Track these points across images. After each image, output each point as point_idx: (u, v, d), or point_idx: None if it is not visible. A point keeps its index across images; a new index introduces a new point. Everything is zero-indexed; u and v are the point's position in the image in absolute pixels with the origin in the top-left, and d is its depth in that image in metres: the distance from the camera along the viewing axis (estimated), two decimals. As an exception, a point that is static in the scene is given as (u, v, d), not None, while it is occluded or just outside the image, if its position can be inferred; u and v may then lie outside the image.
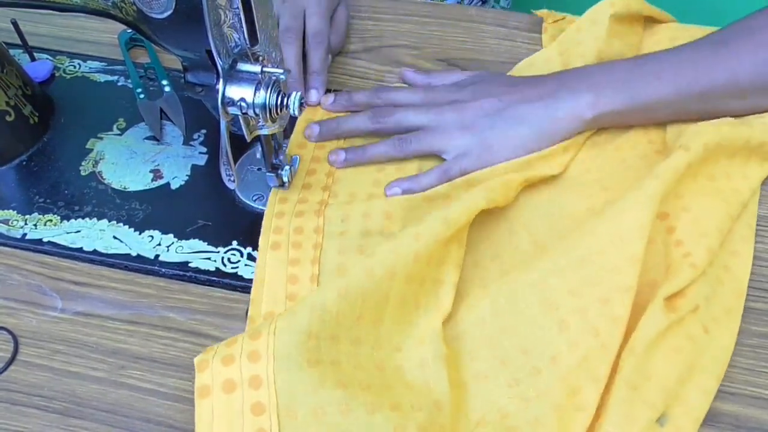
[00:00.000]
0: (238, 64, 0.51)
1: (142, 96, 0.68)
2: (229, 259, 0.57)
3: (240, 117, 0.52)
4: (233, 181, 0.55)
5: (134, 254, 0.58)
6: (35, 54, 0.72)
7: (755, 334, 0.53)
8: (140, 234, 0.59)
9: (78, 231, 0.59)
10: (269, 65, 0.52)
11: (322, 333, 0.48)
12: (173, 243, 0.58)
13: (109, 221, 0.60)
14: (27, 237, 0.59)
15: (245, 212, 0.60)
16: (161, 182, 0.62)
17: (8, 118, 0.63)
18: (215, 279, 0.56)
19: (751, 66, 0.58)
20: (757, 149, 0.58)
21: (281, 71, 0.51)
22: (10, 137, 0.64)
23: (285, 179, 0.58)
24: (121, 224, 0.59)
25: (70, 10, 0.55)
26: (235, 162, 0.58)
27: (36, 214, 0.60)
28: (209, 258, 0.57)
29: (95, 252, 0.58)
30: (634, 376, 0.48)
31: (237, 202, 0.61)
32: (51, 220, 0.60)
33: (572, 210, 0.59)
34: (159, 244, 0.58)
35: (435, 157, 0.62)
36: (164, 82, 0.69)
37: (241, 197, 0.61)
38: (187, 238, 0.58)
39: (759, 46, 0.58)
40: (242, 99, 0.50)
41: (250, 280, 0.55)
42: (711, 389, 0.49)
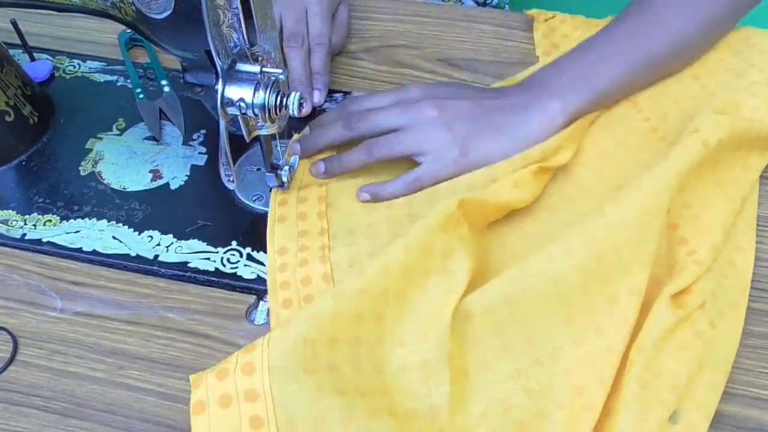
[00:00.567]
0: (238, 65, 0.51)
1: (142, 96, 0.68)
2: (229, 260, 0.57)
3: (239, 117, 0.52)
4: (232, 182, 0.55)
5: (133, 254, 0.58)
6: (35, 54, 0.72)
7: (755, 335, 0.53)
8: (139, 234, 0.59)
9: (77, 231, 0.59)
10: (268, 65, 0.52)
11: (320, 338, 0.48)
12: (172, 243, 0.58)
13: (109, 221, 0.60)
14: (26, 237, 0.59)
15: (245, 212, 0.60)
16: (161, 182, 0.62)
17: (8, 118, 0.63)
18: (214, 279, 0.56)
19: (681, 25, 0.61)
20: (763, 140, 0.59)
21: (280, 71, 0.51)
22: (10, 137, 0.64)
23: (284, 179, 0.58)
24: (121, 224, 0.59)
25: (70, 11, 0.55)
26: (235, 162, 0.58)
27: (35, 214, 0.60)
28: (208, 258, 0.57)
29: (94, 252, 0.58)
30: (645, 375, 0.48)
31: (236, 203, 0.61)
32: (50, 221, 0.60)
33: (581, 207, 0.58)
34: (158, 245, 0.58)
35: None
36: (163, 83, 0.69)
37: (241, 197, 0.61)
38: (187, 239, 0.58)
39: (680, 5, 0.61)
40: (241, 99, 0.50)
41: (250, 280, 0.56)
42: (719, 385, 0.49)
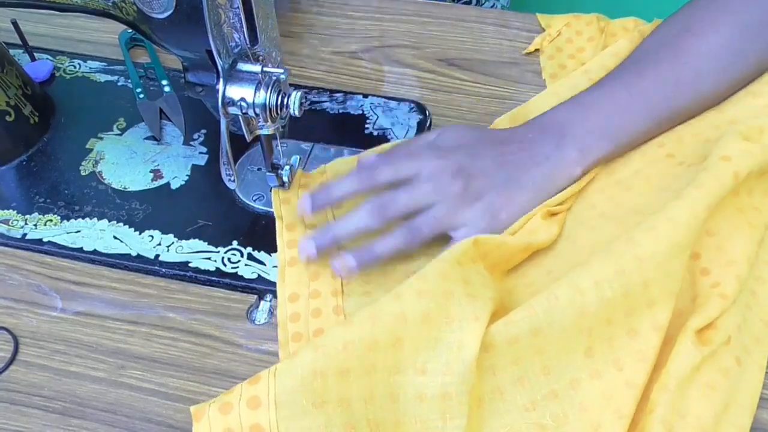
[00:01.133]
0: (239, 64, 0.51)
1: (142, 96, 0.68)
2: (229, 259, 0.57)
3: (240, 117, 0.52)
4: (233, 181, 0.55)
5: (134, 254, 0.58)
6: (35, 54, 0.72)
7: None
8: (140, 234, 0.59)
9: (78, 231, 0.59)
10: (269, 65, 0.52)
11: (330, 369, 0.45)
12: (173, 243, 0.58)
13: (110, 221, 0.60)
14: (27, 237, 0.59)
15: (245, 212, 0.60)
16: (161, 182, 0.62)
17: (8, 118, 0.63)
18: (215, 279, 0.56)
19: (714, 85, 0.59)
20: None
21: (281, 71, 0.51)
22: (11, 137, 0.64)
23: (285, 179, 0.58)
24: (121, 224, 0.59)
25: (70, 10, 0.55)
26: (236, 162, 0.58)
27: (36, 214, 0.60)
28: (209, 258, 0.57)
29: (95, 252, 0.58)
30: (670, 416, 0.46)
31: (237, 202, 0.61)
32: (51, 220, 0.60)
33: (600, 234, 0.56)
34: (159, 244, 0.58)
35: None
36: (164, 82, 0.69)
37: (241, 197, 0.61)
38: (187, 238, 0.58)
39: (709, 48, 0.59)
40: (242, 99, 0.50)
41: (250, 280, 0.56)
42: (746, 426, 0.47)
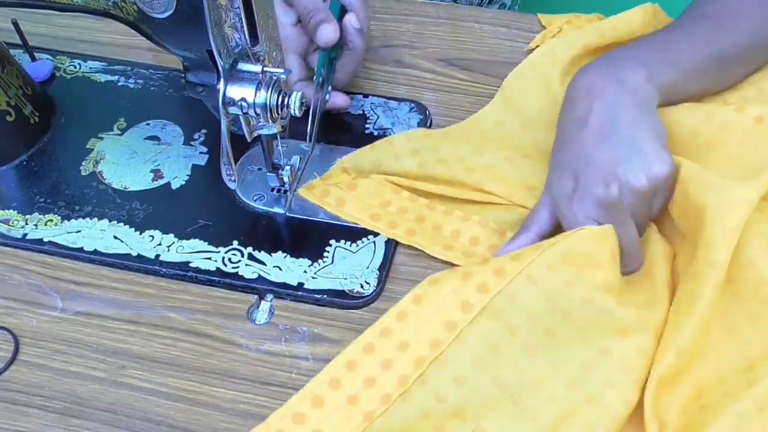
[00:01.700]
0: (239, 64, 0.51)
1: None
2: (230, 259, 0.57)
3: (241, 117, 0.52)
4: (234, 181, 0.55)
5: (135, 254, 0.58)
6: (36, 54, 0.72)
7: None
8: (141, 234, 0.59)
9: (78, 231, 0.59)
10: (270, 65, 0.52)
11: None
12: (174, 243, 0.58)
13: (110, 221, 0.60)
14: (27, 237, 0.59)
15: (246, 212, 0.60)
16: (162, 182, 0.62)
17: (8, 118, 0.63)
18: (216, 279, 0.56)
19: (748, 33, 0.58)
20: None
21: (282, 71, 0.51)
22: (11, 137, 0.64)
23: (285, 179, 0.58)
24: (122, 224, 0.59)
25: (71, 10, 0.55)
26: (236, 162, 0.58)
27: (36, 214, 0.60)
28: (210, 258, 0.57)
29: (96, 252, 0.58)
30: None
31: (237, 202, 0.61)
32: (51, 220, 0.60)
33: None
34: (159, 244, 0.58)
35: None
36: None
37: (242, 197, 0.61)
38: (188, 238, 0.58)
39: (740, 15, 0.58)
40: (243, 99, 0.50)
41: (251, 280, 0.56)
42: None
